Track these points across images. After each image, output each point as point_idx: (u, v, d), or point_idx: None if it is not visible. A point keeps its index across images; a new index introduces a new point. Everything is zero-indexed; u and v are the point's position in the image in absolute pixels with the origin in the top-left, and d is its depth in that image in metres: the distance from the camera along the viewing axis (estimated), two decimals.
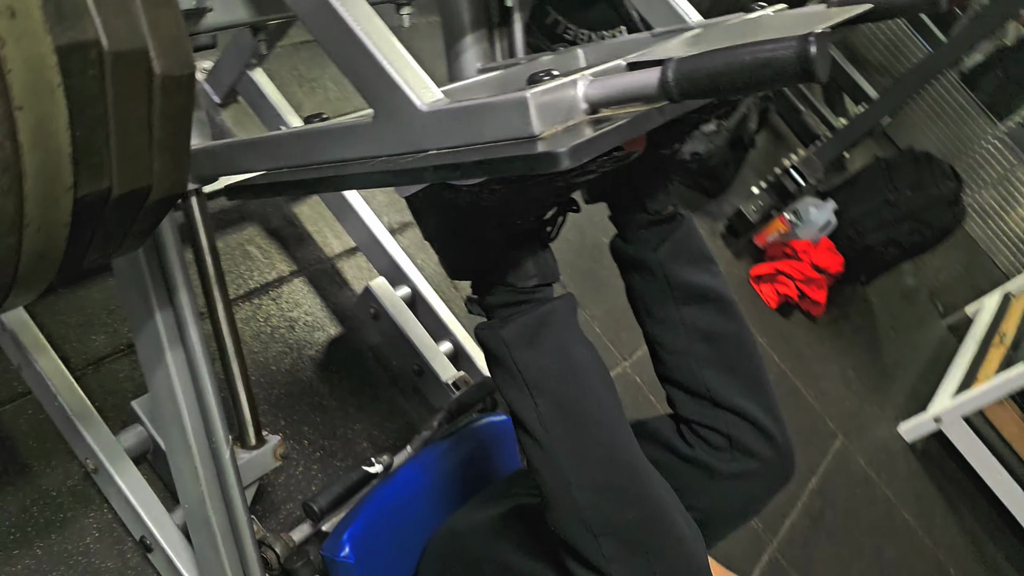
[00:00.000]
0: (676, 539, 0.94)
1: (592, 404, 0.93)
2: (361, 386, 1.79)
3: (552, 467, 0.92)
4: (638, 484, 0.93)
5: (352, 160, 0.78)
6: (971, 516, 2.91)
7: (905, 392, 3.13)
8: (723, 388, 1.09)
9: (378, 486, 1.38)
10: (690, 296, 1.09)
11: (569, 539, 0.93)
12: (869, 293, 3.32)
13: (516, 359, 0.91)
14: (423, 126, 0.72)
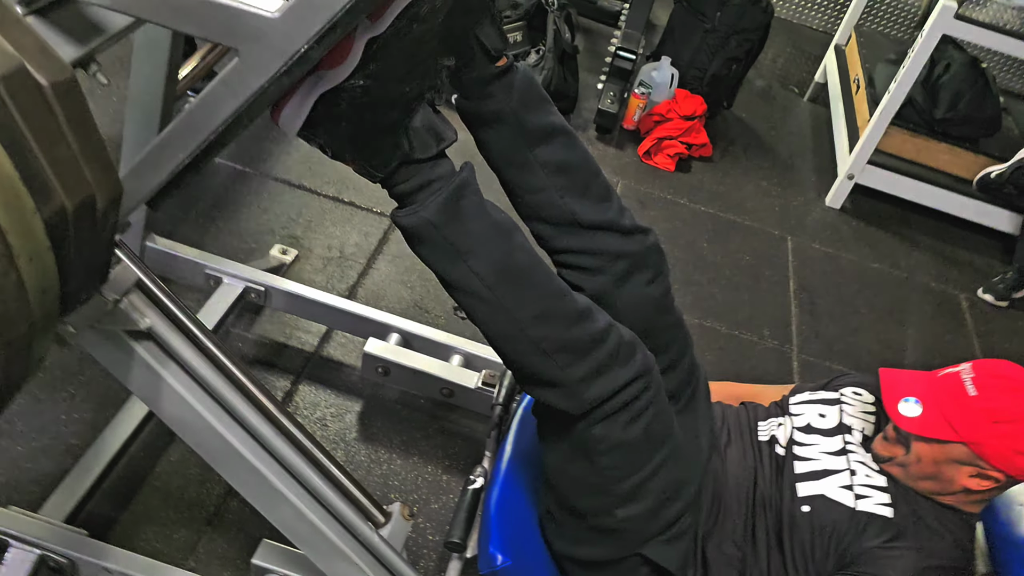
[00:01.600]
0: (603, 327, 1.12)
1: (519, 253, 1.08)
2: (410, 435, 1.89)
3: (501, 317, 1.07)
4: (568, 303, 1.10)
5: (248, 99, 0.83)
6: (922, 236, 3.21)
7: (812, 171, 3.39)
8: (583, 209, 1.24)
9: (488, 494, 1.50)
10: (541, 137, 1.21)
11: (529, 369, 1.11)
12: (736, 112, 3.56)
13: (445, 234, 1.01)
14: (284, 30, 0.78)
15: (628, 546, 1.26)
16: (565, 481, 1.26)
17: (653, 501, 1.22)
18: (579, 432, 1.15)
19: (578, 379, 1.10)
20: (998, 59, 4.14)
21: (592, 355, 1.10)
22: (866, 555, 1.22)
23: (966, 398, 1.21)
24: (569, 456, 1.21)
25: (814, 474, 1.31)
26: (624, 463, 1.18)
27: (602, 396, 1.11)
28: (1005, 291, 2.95)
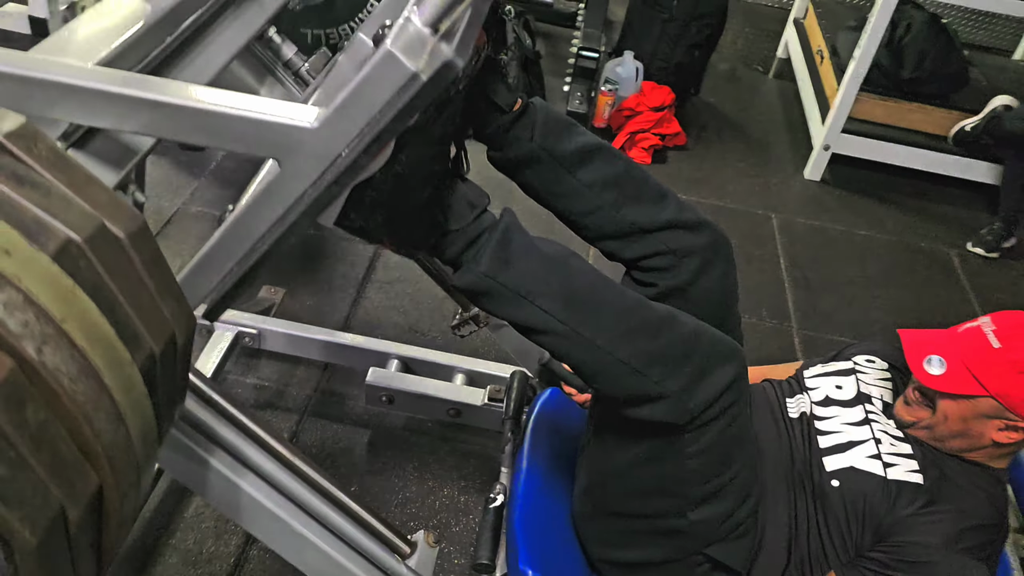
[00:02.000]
0: (691, 331, 1.09)
1: (580, 277, 1.06)
2: (422, 460, 1.87)
3: (584, 347, 1.04)
4: (644, 314, 1.08)
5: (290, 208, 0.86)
6: (905, 197, 3.22)
7: (788, 147, 3.40)
8: (643, 216, 1.24)
9: (511, 510, 1.47)
10: (578, 160, 1.21)
11: (626, 390, 1.07)
12: (705, 97, 3.57)
13: (503, 282, 1.01)
14: (324, 138, 0.80)
15: (693, 547, 1.23)
16: (634, 485, 1.22)
17: (730, 504, 1.19)
18: (670, 438, 1.12)
19: (680, 389, 1.06)
20: (957, 13, 4.16)
21: (688, 361, 1.07)
22: (901, 524, 1.20)
23: (991, 351, 1.19)
24: (647, 459, 1.18)
25: (839, 447, 1.29)
26: (711, 467, 1.15)
27: (708, 401, 1.08)
28: (994, 242, 2.95)
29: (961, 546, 1.17)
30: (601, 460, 1.26)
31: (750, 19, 4.43)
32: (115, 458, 0.59)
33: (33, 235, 0.56)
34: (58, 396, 0.56)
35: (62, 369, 0.56)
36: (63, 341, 0.56)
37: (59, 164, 0.62)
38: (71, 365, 0.56)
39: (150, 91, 0.79)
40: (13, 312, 0.53)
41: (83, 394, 0.57)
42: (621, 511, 1.26)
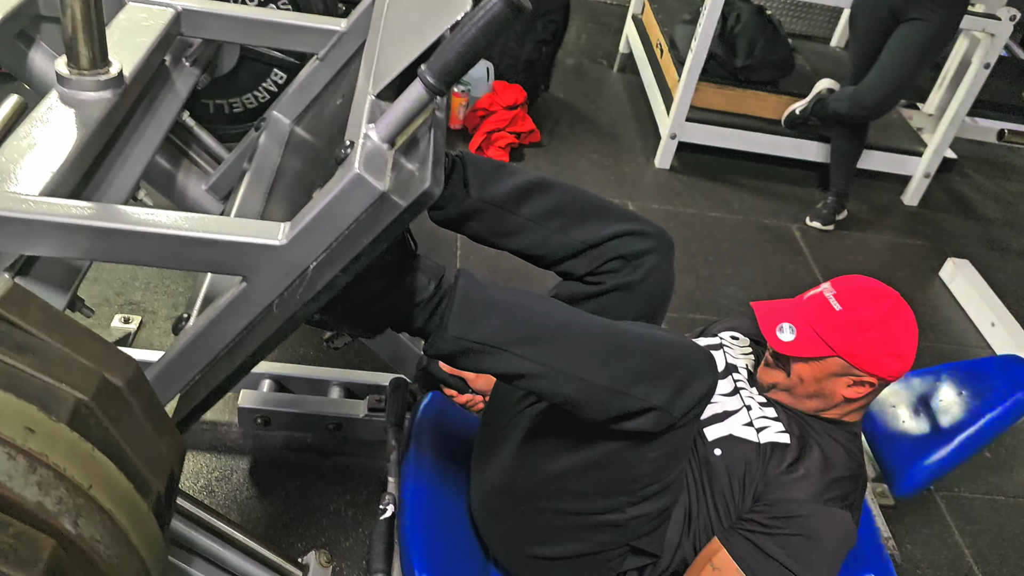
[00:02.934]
0: (667, 345, 1.12)
1: (548, 318, 1.08)
2: (305, 479, 1.81)
3: (566, 382, 1.06)
4: (618, 337, 1.09)
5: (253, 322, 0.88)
6: (748, 179, 3.41)
7: (637, 137, 3.53)
8: (588, 233, 1.29)
9: (402, 518, 1.46)
10: (517, 200, 1.25)
11: (613, 412, 1.09)
12: (555, 93, 3.65)
13: (475, 340, 1.02)
14: (292, 255, 0.83)
15: (623, 540, 1.26)
16: (576, 484, 1.23)
17: (669, 499, 1.24)
18: (636, 442, 1.14)
19: (666, 401, 1.08)
20: (779, 4, 4.45)
21: (670, 374, 1.08)
22: (773, 483, 1.28)
23: (833, 314, 1.28)
24: (601, 462, 1.19)
25: (717, 417, 1.36)
26: (665, 468, 1.19)
27: (688, 408, 1.10)
28: (829, 216, 3.18)
29: (827, 497, 1.26)
30: (537, 461, 1.26)
31: (591, 15, 4.56)
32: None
33: (47, 406, 0.59)
34: (96, 565, 0.60)
35: (97, 538, 0.60)
36: (93, 508, 0.60)
37: (52, 323, 0.65)
38: (103, 532, 0.60)
39: (116, 221, 0.80)
40: (48, 491, 0.56)
41: (116, 558, 0.61)
42: (554, 508, 1.26)
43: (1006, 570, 1.98)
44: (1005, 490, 2.20)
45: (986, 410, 1.40)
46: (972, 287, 2.87)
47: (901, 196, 3.51)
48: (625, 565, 1.31)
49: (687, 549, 1.33)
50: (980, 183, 3.80)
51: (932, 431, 1.45)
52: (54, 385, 0.61)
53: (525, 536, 1.32)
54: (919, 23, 2.75)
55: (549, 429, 1.25)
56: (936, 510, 2.09)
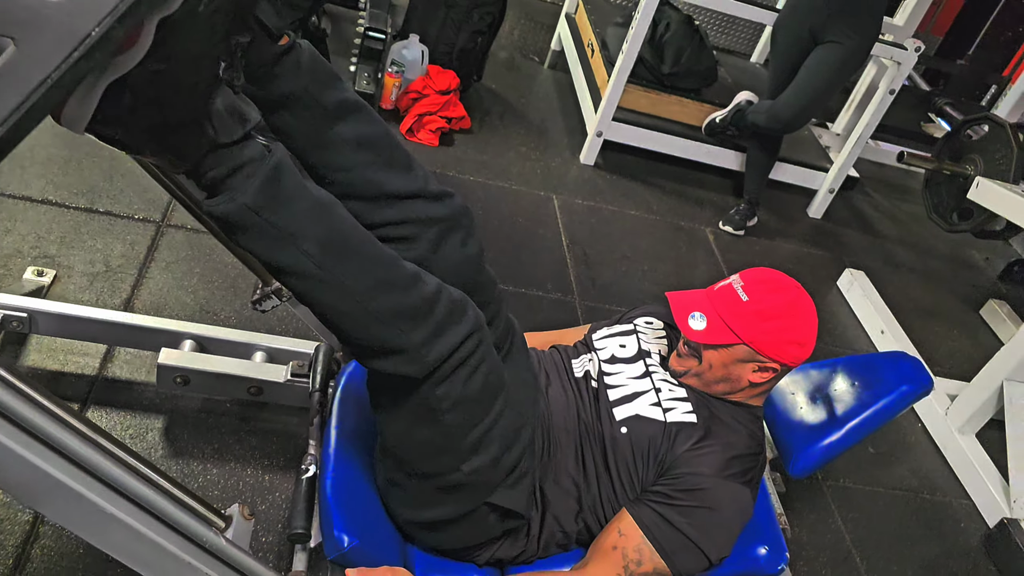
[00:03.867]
0: (434, 289, 1.14)
1: (345, 226, 1.06)
2: (222, 441, 1.81)
3: (336, 294, 1.05)
4: (398, 270, 1.11)
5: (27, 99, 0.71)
6: (667, 181, 3.54)
7: (565, 133, 3.61)
8: (392, 182, 1.25)
9: (323, 480, 1.48)
10: (339, 113, 1.18)
11: (370, 340, 1.11)
12: (487, 83, 3.70)
13: (267, 218, 0.96)
14: (70, 13, 0.70)
15: (476, 498, 1.31)
16: (410, 447, 1.27)
17: (496, 449, 1.27)
18: (422, 395, 1.17)
19: (419, 342, 1.11)
20: (705, 16, 4.62)
21: (429, 317, 1.12)
22: (680, 459, 1.36)
23: (740, 304, 1.38)
24: (413, 421, 1.23)
25: (626, 398, 1.44)
26: (467, 417, 1.22)
27: (443, 355, 1.13)
28: (740, 222, 3.34)
29: (728, 473, 1.35)
30: (386, 430, 1.30)
31: (526, 11, 4.63)
32: None
33: None
34: None
35: None
36: None
37: None
38: None
39: None
40: None
41: None
42: (411, 472, 1.31)
43: (880, 555, 2.14)
44: (884, 483, 2.38)
45: (875, 400, 1.52)
46: (866, 297, 3.08)
47: (807, 209, 3.71)
48: (499, 526, 1.36)
49: (589, 517, 1.41)
50: (878, 202, 4.06)
51: (826, 417, 1.56)
52: None
53: (403, 505, 1.38)
54: (835, 46, 2.93)
55: (377, 400, 1.29)
56: (822, 498, 2.24)
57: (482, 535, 1.39)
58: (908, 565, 2.15)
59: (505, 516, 1.36)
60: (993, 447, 2.48)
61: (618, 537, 1.34)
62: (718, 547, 1.33)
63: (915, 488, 2.41)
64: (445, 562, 1.47)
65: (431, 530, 1.40)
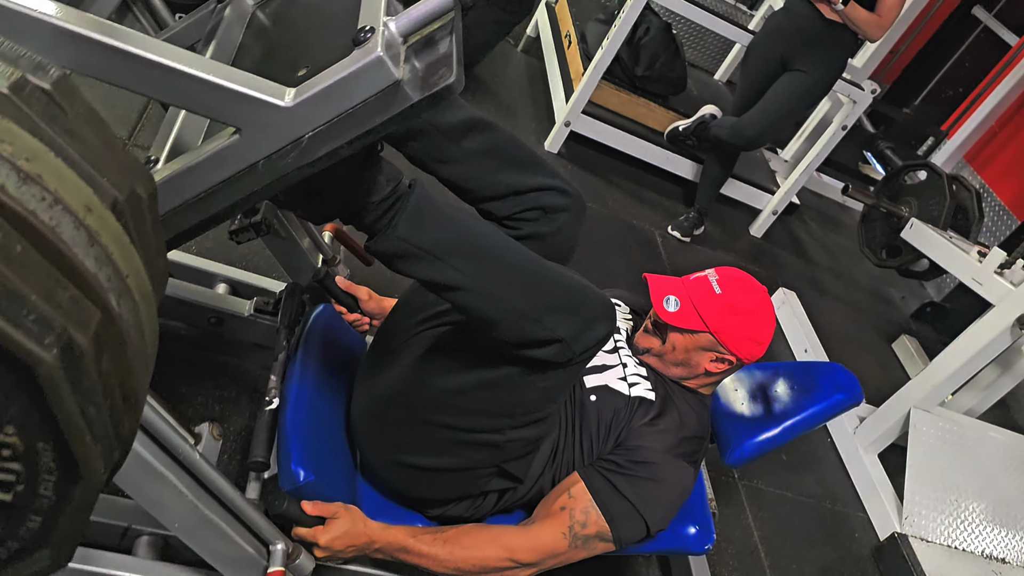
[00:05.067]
0: (580, 287, 1.23)
1: (486, 239, 1.16)
2: (175, 367, 1.81)
3: (489, 300, 1.15)
4: (541, 270, 1.20)
5: (235, 176, 0.89)
6: (623, 180, 3.65)
7: (532, 118, 3.67)
8: (517, 179, 1.37)
9: (284, 414, 1.50)
10: (461, 131, 1.32)
11: (522, 336, 1.19)
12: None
13: (419, 245, 1.09)
14: (293, 120, 0.85)
15: (496, 460, 1.37)
16: (475, 401, 1.30)
17: (543, 429, 1.35)
18: (531, 371, 1.22)
19: (570, 336, 1.17)
20: (682, 29, 4.74)
21: (579, 312, 1.18)
22: (635, 432, 1.45)
23: (713, 295, 1.47)
24: (498, 383, 1.27)
25: (596, 369, 1.51)
26: (548, 399, 1.29)
27: (587, 347, 1.20)
28: (688, 229, 3.47)
29: (678, 451, 1.45)
30: (431, 376, 1.33)
31: None
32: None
33: (98, 191, 0.59)
34: (125, 347, 0.61)
35: (130, 322, 0.61)
36: (129, 295, 0.61)
37: (93, 121, 0.63)
38: (134, 318, 0.62)
39: (136, 46, 0.79)
40: (101, 267, 0.58)
41: (139, 347, 0.63)
42: (437, 422, 1.34)
43: (783, 553, 2.29)
44: (794, 488, 2.54)
45: (811, 404, 1.64)
46: (794, 316, 3.25)
47: (750, 226, 3.88)
48: (490, 485, 1.43)
49: (547, 480, 1.48)
50: (814, 230, 4.27)
51: (764, 414, 1.68)
52: (98, 178, 0.61)
53: (403, 445, 1.41)
54: (802, 74, 3.08)
55: (449, 349, 1.34)
56: (737, 496, 2.38)
57: (463, 491, 1.45)
58: (806, 565, 2.31)
59: (502, 479, 1.42)
60: (891, 468, 2.67)
61: (567, 499, 1.41)
62: (659, 519, 1.42)
63: (819, 497, 2.57)
64: (393, 507, 1.52)
65: (416, 474, 1.42)
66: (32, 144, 0.58)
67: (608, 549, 1.42)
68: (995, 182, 4.25)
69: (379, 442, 1.46)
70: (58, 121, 0.63)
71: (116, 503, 1.40)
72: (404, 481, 1.46)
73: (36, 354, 0.52)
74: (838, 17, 2.95)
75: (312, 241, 1.77)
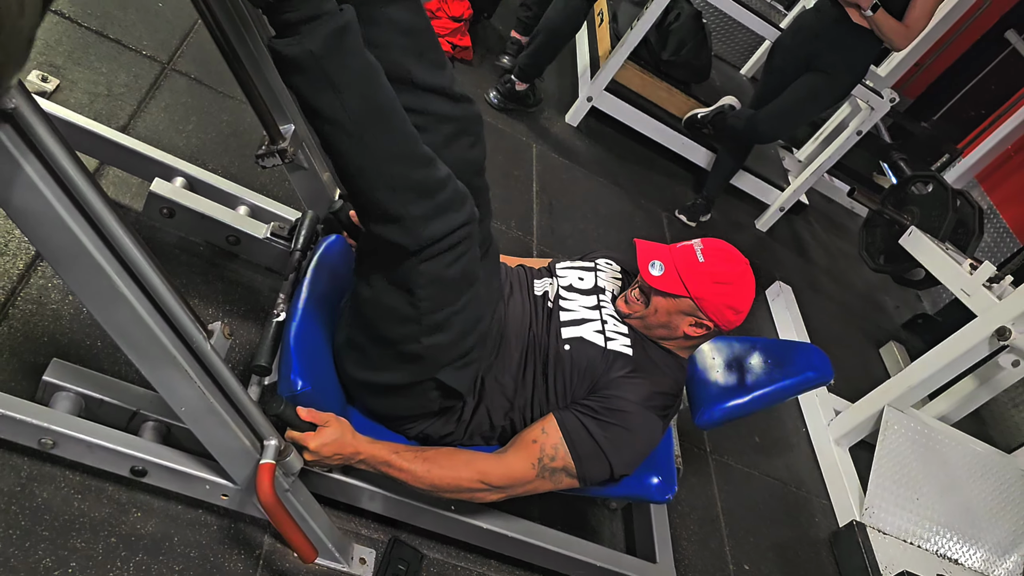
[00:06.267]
0: (445, 175, 1.28)
1: (385, 94, 1.19)
2: (190, 278, 1.91)
3: (359, 150, 1.18)
4: (416, 148, 1.24)
5: None
6: (635, 159, 3.73)
7: (555, 89, 3.74)
8: (420, 72, 1.36)
9: (289, 328, 1.61)
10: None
11: (376, 202, 1.23)
12: (495, 23, 3.79)
13: (324, 66, 1.08)
14: None
15: (426, 371, 1.46)
16: (379, 311, 1.41)
17: (456, 333, 1.43)
18: (406, 267, 1.31)
19: (419, 216, 1.24)
20: (713, 19, 4.80)
21: (434, 197, 1.25)
22: (612, 382, 1.55)
23: (697, 263, 1.56)
24: (388, 289, 1.36)
25: (575, 322, 1.61)
26: (439, 297, 1.36)
27: (436, 236, 1.27)
28: (695, 214, 3.56)
29: (650, 404, 1.55)
30: (362, 292, 1.42)
31: None
32: None
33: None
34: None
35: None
36: None
37: None
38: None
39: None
40: None
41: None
42: (374, 336, 1.44)
43: (742, 526, 2.41)
44: (760, 468, 2.65)
45: (783, 378, 1.74)
46: (787, 309, 3.34)
47: (755, 220, 3.96)
48: (437, 402, 1.53)
49: (517, 417, 1.59)
50: (817, 232, 4.34)
51: (737, 383, 1.78)
52: None
53: (356, 364, 1.53)
54: (824, 75, 3.14)
55: (363, 260, 1.42)
56: (706, 467, 2.49)
57: (420, 408, 1.55)
58: (763, 540, 2.42)
59: (446, 395, 1.52)
60: (860, 464, 2.77)
61: (540, 434, 1.52)
62: (624, 463, 1.52)
63: (785, 480, 2.68)
64: (379, 428, 1.63)
65: (376, 394, 1.55)
66: None
67: (573, 485, 1.54)
68: (1002, 204, 4.31)
69: (347, 363, 1.57)
70: None
71: (128, 389, 1.51)
72: (370, 400, 1.58)
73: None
74: (866, 23, 3.01)
75: (332, 176, 1.87)
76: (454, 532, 1.73)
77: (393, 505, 1.67)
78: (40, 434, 1.39)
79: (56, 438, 1.40)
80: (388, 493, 1.64)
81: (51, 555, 1.38)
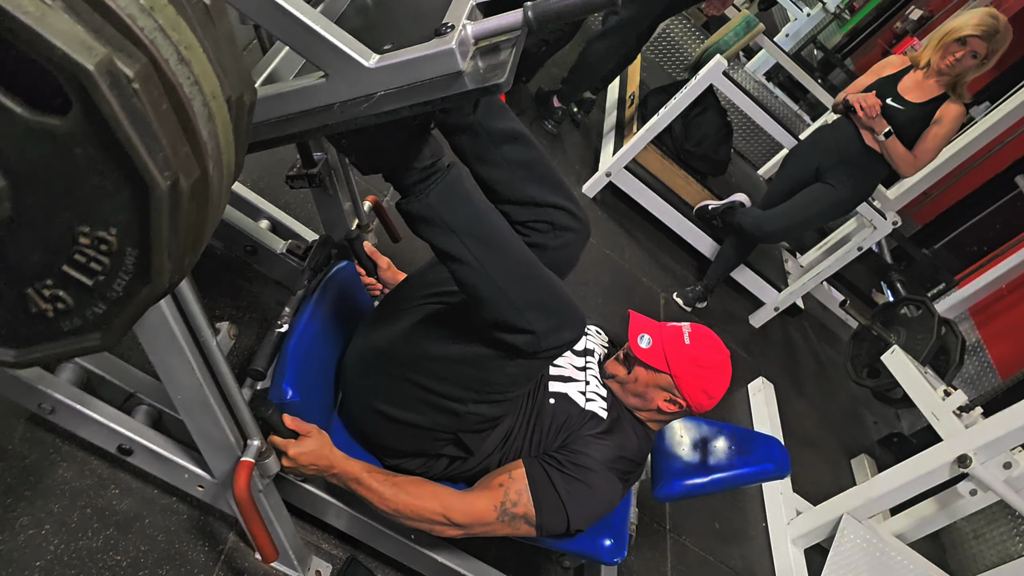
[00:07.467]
0: (564, 296, 1.43)
1: (500, 230, 1.36)
2: (201, 280, 2.01)
3: (485, 280, 1.34)
4: (536, 271, 1.39)
5: (313, 109, 1.08)
6: (644, 237, 3.86)
7: (578, 160, 3.89)
8: (540, 193, 1.59)
9: (289, 340, 1.70)
10: (504, 139, 1.54)
11: (502, 320, 1.37)
12: (530, 88, 3.96)
13: (442, 216, 1.29)
14: (370, 78, 1.04)
15: (453, 427, 1.56)
16: (447, 371, 1.49)
17: (499, 409, 1.54)
18: (503, 360, 1.42)
19: (542, 331, 1.36)
20: (737, 118, 4.99)
21: (556, 314, 1.38)
22: (582, 440, 1.64)
23: (683, 344, 1.67)
24: (471, 360, 1.46)
25: (563, 378, 1.71)
26: (511, 387, 1.49)
27: (554, 346, 1.40)
28: (692, 300, 3.67)
29: (614, 466, 1.64)
30: (423, 342, 1.52)
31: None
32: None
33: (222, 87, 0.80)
34: (207, 202, 0.77)
35: (215, 186, 0.78)
36: (219, 168, 0.78)
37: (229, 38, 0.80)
38: (217, 185, 0.78)
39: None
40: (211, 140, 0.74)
41: (215, 204, 0.79)
42: (415, 380, 1.53)
43: None
44: (716, 555, 2.70)
45: (742, 465, 1.82)
46: (766, 406, 3.43)
47: (750, 316, 4.07)
48: (445, 450, 1.62)
49: (494, 461, 1.68)
50: (809, 337, 4.45)
51: (699, 463, 1.86)
52: (224, 76, 0.78)
53: (381, 393, 1.61)
54: (831, 188, 3.29)
55: (441, 322, 1.54)
56: (663, 543, 2.55)
57: (419, 449, 1.64)
58: None
59: (456, 446, 1.61)
60: (812, 565, 2.82)
61: (507, 478, 1.60)
62: (581, 518, 1.60)
63: (739, 571, 2.73)
64: (356, 447, 1.71)
65: (384, 420, 1.61)
66: (190, 37, 0.77)
67: (530, 533, 1.61)
68: (990, 340, 4.42)
69: (362, 387, 1.66)
70: (208, 29, 0.82)
71: (129, 371, 1.60)
72: (374, 426, 1.66)
73: (157, 180, 0.69)
74: (877, 146, 3.17)
75: (353, 205, 1.99)
76: (410, 561, 1.79)
77: (356, 524, 1.74)
78: (41, 398, 1.47)
79: (55, 404, 1.48)
80: (354, 512, 1.72)
81: (28, 514, 1.46)
